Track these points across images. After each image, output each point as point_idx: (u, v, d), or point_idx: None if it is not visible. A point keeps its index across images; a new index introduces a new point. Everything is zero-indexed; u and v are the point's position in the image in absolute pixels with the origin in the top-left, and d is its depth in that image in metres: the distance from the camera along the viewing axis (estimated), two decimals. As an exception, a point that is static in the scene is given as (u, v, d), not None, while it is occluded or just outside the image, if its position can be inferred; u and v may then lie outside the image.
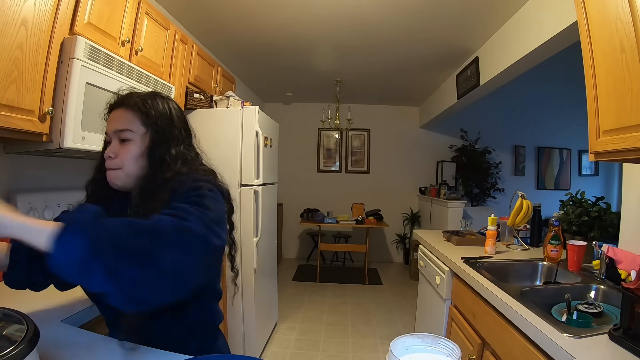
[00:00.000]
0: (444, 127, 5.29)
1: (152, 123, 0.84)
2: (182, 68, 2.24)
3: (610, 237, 1.71)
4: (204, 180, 0.79)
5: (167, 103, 0.89)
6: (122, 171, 0.83)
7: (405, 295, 3.97)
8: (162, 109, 0.87)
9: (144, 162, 0.84)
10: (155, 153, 0.83)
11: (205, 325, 0.87)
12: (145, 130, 0.84)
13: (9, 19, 1.02)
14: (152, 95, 0.90)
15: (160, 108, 0.87)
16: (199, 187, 0.75)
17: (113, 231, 0.56)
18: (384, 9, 2.43)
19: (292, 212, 5.33)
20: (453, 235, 2.10)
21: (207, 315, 0.87)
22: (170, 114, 0.88)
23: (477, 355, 1.36)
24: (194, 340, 0.84)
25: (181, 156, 0.85)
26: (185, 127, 0.92)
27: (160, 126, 0.85)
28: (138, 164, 0.84)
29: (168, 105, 0.89)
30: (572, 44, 1.95)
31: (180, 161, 0.84)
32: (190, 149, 0.90)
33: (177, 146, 0.86)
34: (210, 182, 0.80)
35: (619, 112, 1.00)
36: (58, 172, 1.63)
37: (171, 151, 0.84)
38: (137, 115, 0.84)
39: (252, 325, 2.44)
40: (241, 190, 2.38)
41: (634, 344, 0.82)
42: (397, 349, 0.51)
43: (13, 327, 0.59)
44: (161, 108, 0.87)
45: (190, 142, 0.92)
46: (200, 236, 0.62)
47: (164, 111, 0.87)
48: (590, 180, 5.52)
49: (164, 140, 0.84)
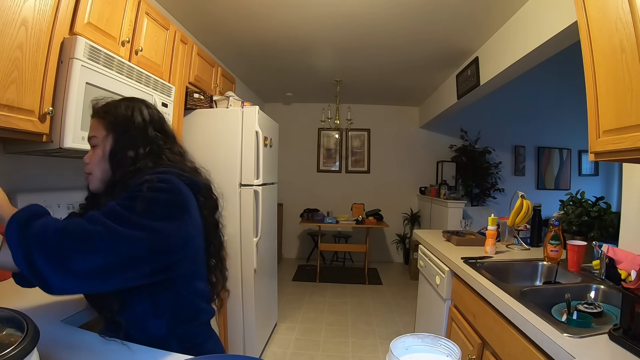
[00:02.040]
0: (444, 127, 5.29)
1: (112, 127, 0.88)
2: (182, 68, 2.24)
3: (610, 237, 1.71)
4: (162, 172, 0.80)
5: (132, 107, 0.91)
6: (93, 175, 0.89)
7: (405, 295, 3.97)
8: (123, 113, 0.89)
9: (106, 165, 0.88)
10: (114, 155, 0.87)
11: (185, 325, 0.85)
12: (106, 134, 0.88)
13: (9, 19, 1.02)
14: (120, 100, 0.94)
15: (121, 112, 0.89)
16: (144, 181, 0.76)
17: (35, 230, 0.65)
18: (384, 9, 2.43)
19: (292, 212, 5.33)
20: (453, 235, 2.10)
21: (186, 314, 0.85)
22: (132, 116, 0.89)
23: (477, 355, 1.36)
24: (174, 340, 0.82)
25: (146, 156, 0.87)
26: (157, 128, 0.93)
27: (119, 129, 0.88)
28: (102, 167, 0.88)
29: (132, 109, 0.91)
30: (572, 44, 1.95)
31: (143, 160, 0.86)
32: (164, 149, 0.91)
33: (140, 147, 0.87)
34: (170, 172, 0.81)
35: (619, 112, 1.00)
36: (58, 172, 1.63)
37: (130, 152, 0.86)
38: (101, 121, 0.89)
39: (252, 325, 2.44)
40: (241, 190, 2.38)
41: (634, 344, 0.82)
42: (397, 349, 0.51)
43: (13, 327, 0.59)
44: (122, 112, 0.89)
45: (166, 142, 0.93)
46: (104, 238, 0.66)
47: (126, 114, 0.89)
48: (590, 180, 5.52)
49: (123, 142, 0.87)
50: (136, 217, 0.69)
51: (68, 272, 0.63)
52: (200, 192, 0.87)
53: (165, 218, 0.73)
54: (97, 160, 0.88)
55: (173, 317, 0.82)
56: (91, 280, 0.64)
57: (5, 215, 0.69)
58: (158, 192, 0.74)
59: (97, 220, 0.67)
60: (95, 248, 0.65)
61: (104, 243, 0.65)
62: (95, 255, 0.64)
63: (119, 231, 0.66)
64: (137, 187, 0.75)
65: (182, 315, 0.84)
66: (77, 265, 0.63)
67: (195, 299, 0.87)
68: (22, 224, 0.65)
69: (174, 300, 0.82)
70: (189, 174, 0.86)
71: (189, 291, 0.85)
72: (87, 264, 0.63)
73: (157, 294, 0.79)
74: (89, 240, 0.65)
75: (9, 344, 0.53)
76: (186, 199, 0.79)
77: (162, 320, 0.81)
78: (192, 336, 0.86)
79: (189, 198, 0.81)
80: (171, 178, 0.79)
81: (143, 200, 0.72)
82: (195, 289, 0.87)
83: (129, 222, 0.68)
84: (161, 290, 0.79)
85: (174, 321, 0.83)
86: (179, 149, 0.96)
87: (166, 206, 0.74)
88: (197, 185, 0.86)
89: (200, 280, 0.89)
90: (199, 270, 0.89)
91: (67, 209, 1.53)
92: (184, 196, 0.79)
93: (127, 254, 0.66)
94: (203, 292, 0.90)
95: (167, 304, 0.81)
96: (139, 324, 0.80)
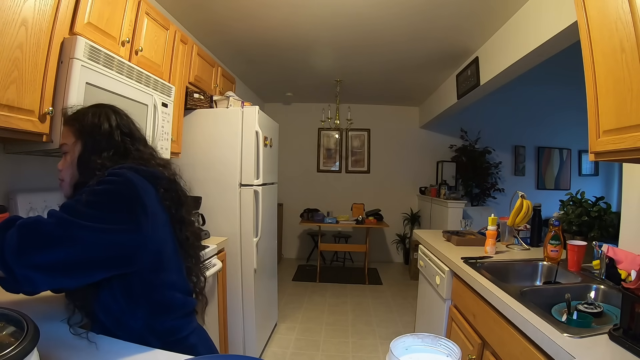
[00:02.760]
0: (444, 127, 5.29)
1: (79, 134, 0.91)
2: (182, 68, 2.24)
3: (610, 237, 1.71)
4: (118, 169, 0.83)
5: (99, 113, 0.93)
6: (64, 182, 0.93)
7: (405, 295, 3.97)
8: (90, 120, 0.92)
9: (74, 171, 0.91)
10: (81, 160, 0.90)
11: (161, 318, 0.84)
12: (75, 141, 0.91)
13: (9, 19, 1.02)
14: (87, 108, 0.96)
15: (87, 119, 0.92)
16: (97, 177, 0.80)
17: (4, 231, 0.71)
18: (384, 9, 2.43)
19: (292, 212, 5.33)
20: (453, 235, 2.10)
21: (160, 307, 0.84)
22: (98, 122, 0.91)
23: (477, 355, 1.36)
24: (153, 336, 0.82)
25: (112, 159, 0.88)
26: (125, 132, 0.94)
27: (85, 135, 0.91)
28: (70, 173, 0.91)
29: (99, 115, 0.93)
30: (572, 44, 1.95)
31: (109, 163, 0.87)
32: (131, 151, 0.93)
33: (105, 151, 0.89)
34: (126, 168, 0.84)
35: (619, 112, 1.00)
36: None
37: (95, 156, 0.88)
38: (70, 129, 0.92)
39: (252, 325, 2.44)
40: (241, 190, 2.38)
41: (634, 344, 0.82)
42: (397, 349, 0.51)
43: (13, 326, 0.59)
44: (89, 119, 0.92)
45: (133, 144, 0.94)
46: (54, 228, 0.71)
47: (92, 121, 0.91)
48: (590, 180, 5.52)
49: (91, 147, 0.90)
50: (81, 207, 0.74)
51: (31, 266, 0.68)
52: (159, 183, 0.89)
53: (112, 208, 0.77)
54: (67, 166, 0.91)
55: (148, 311, 0.82)
56: (55, 273, 0.70)
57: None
58: (105, 184, 0.78)
59: (50, 215, 0.74)
60: (49, 238, 0.70)
61: (55, 232, 0.70)
62: (52, 247, 0.70)
63: (66, 219, 0.72)
64: (89, 184, 0.79)
65: (157, 308, 0.84)
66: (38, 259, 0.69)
67: (168, 291, 0.86)
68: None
69: (147, 292, 0.82)
70: (151, 167, 0.90)
71: (160, 283, 0.85)
72: (46, 257, 0.69)
73: (129, 288, 0.80)
74: (42, 232, 0.70)
75: (8, 344, 0.53)
76: (135, 187, 0.81)
77: (137, 314, 0.81)
78: (173, 330, 0.86)
79: (141, 188, 0.82)
80: (122, 171, 0.81)
81: (89, 192, 0.77)
82: (167, 281, 0.86)
83: (76, 212, 0.73)
84: (132, 283, 0.80)
85: (150, 315, 0.82)
86: (150, 150, 0.98)
87: (111, 195, 0.78)
88: (154, 177, 0.88)
89: (172, 272, 0.89)
90: (169, 262, 0.88)
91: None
92: (133, 185, 0.81)
93: (79, 243, 0.71)
94: (177, 283, 0.89)
95: (140, 297, 0.81)
96: (116, 320, 0.81)
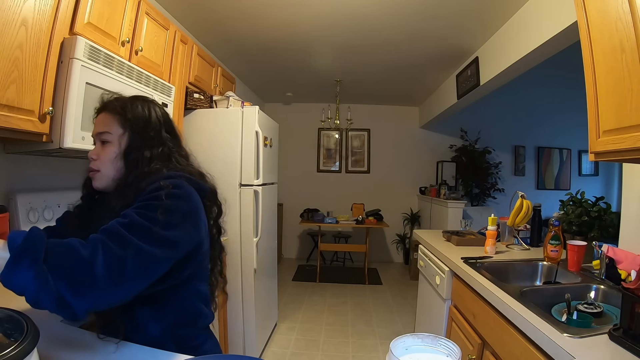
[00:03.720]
0: (444, 127, 5.29)
1: (129, 125, 0.87)
2: (182, 68, 2.24)
3: (610, 237, 1.71)
4: (174, 177, 0.81)
5: (147, 106, 0.91)
6: (101, 173, 0.87)
7: (405, 295, 3.97)
8: (141, 112, 0.88)
9: (121, 164, 0.86)
10: (130, 154, 0.85)
11: (185, 327, 0.85)
12: (123, 132, 0.87)
13: (9, 19, 1.02)
14: (133, 98, 0.92)
15: (139, 111, 0.88)
16: (159, 187, 0.76)
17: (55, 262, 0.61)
18: (384, 9, 2.43)
19: (292, 212, 5.33)
20: (453, 235, 2.10)
21: (187, 316, 0.85)
22: (149, 116, 0.89)
23: (477, 355, 1.36)
24: (172, 342, 0.82)
25: (159, 157, 0.87)
26: (168, 130, 0.92)
27: (137, 128, 0.87)
28: (115, 166, 0.86)
29: (148, 109, 0.90)
30: (572, 44, 1.95)
31: (157, 161, 0.85)
32: (173, 151, 0.91)
33: (155, 147, 0.87)
34: (180, 177, 0.82)
35: (619, 112, 1.00)
36: (58, 172, 1.63)
37: (146, 152, 0.85)
38: (116, 117, 0.87)
39: (252, 325, 2.44)
40: (241, 190, 2.38)
41: (634, 344, 0.82)
42: (397, 349, 0.51)
43: (13, 327, 0.59)
44: (140, 111, 0.88)
45: (175, 145, 0.93)
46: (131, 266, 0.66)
47: (143, 114, 0.88)
48: (590, 180, 5.52)
49: (140, 142, 0.86)
50: (158, 229, 0.71)
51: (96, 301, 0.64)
52: (206, 196, 0.88)
53: (183, 228, 0.75)
54: (110, 158, 0.86)
55: (173, 321, 0.82)
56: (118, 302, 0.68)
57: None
58: (174, 200, 0.75)
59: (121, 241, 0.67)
60: (125, 278, 0.65)
61: (133, 272, 0.66)
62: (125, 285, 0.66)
63: (143, 250, 0.68)
64: (153, 195, 0.75)
65: (182, 319, 0.84)
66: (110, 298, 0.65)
67: (196, 302, 0.87)
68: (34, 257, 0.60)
69: (176, 303, 0.82)
70: (195, 177, 0.87)
71: (191, 293, 0.85)
72: (118, 296, 0.66)
73: (159, 297, 0.79)
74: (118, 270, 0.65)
75: (8, 344, 0.53)
76: (197, 204, 0.81)
77: (161, 322, 0.81)
78: (191, 338, 0.86)
79: (199, 203, 0.82)
80: (182, 183, 0.80)
81: (162, 209, 0.73)
82: (198, 291, 0.87)
83: (151, 237, 0.69)
84: (163, 293, 0.79)
85: (174, 324, 0.82)
86: (185, 152, 0.96)
87: (183, 215, 0.76)
88: (203, 190, 0.87)
89: (202, 283, 0.89)
90: (203, 272, 0.89)
91: (67, 209, 1.53)
92: (195, 202, 0.80)
93: (152, 275, 0.70)
94: (205, 295, 0.90)
95: (168, 308, 0.81)
96: (138, 327, 0.80)
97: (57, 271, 0.60)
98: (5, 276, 0.59)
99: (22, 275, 0.58)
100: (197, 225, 0.80)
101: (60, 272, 0.60)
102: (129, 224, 0.70)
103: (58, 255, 0.62)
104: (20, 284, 0.58)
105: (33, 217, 1.39)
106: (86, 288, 0.62)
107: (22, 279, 0.58)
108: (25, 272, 0.58)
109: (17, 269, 0.58)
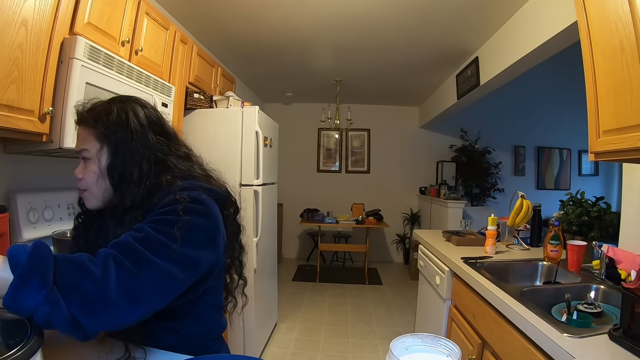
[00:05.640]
0: (444, 127, 5.29)
1: (105, 137, 0.76)
2: (182, 68, 2.23)
3: (610, 237, 1.71)
4: (189, 188, 0.74)
5: (125, 109, 0.79)
6: (89, 192, 0.79)
7: (405, 295, 3.97)
8: (117, 119, 0.77)
9: (106, 183, 0.77)
10: (114, 171, 0.76)
11: (201, 338, 0.82)
12: (100, 146, 0.77)
13: (9, 19, 1.02)
14: (109, 102, 0.81)
15: (113, 118, 0.77)
16: (175, 200, 0.70)
17: (65, 283, 0.56)
18: (384, 9, 2.43)
19: (292, 212, 5.33)
20: (453, 235, 2.10)
21: (204, 327, 0.83)
22: (127, 122, 0.77)
23: (477, 355, 1.36)
24: (185, 350, 0.79)
25: (151, 169, 0.77)
26: (157, 131, 0.81)
27: (115, 139, 0.76)
28: (99, 186, 0.78)
29: (126, 112, 0.78)
30: (572, 44, 1.95)
31: (153, 173, 0.77)
32: (169, 155, 0.81)
33: (144, 158, 0.77)
34: (198, 188, 0.75)
35: (619, 112, 1.00)
36: (58, 172, 1.62)
37: (133, 167, 0.75)
38: (90, 131, 0.77)
39: (252, 325, 2.44)
40: (241, 190, 2.37)
41: (634, 344, 0.82)
42: (397, 349, 0.51)
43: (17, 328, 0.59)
44: (115, 118, 0.77)
45: (169, 146, 0.83)
46: (149, 287, 0.62)
47: (119, 120, 0.77)
48: (590, 180, 5.52)
49: (123, 155, 0.76)
50: (176, 246, 0.65)
51: (110, 323, 0.60)
52: (224, 205, 0.83)
53: (204, 245, 0.71)
54: (93, 177, 0.77)
55: (189, 332, 0.80)
56: (133, 322, 0.63)
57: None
58: (193, 216, 0.69)
59: (136, 258, 0.62)
60: (141, 298, 0.61)
61: (149, 292, 0.62)
62: (141, 305, 0.61)
63: (160, 269, 0.62)
64: (169, 209, 0.69)
65: (199, 330, 0.81)
66: (125, 319, 0.60)
67: (213, 313, 0.85)
68: (43, 278, 0.54)
69: (193, 316, 0.80)
70: (205, 182, 0.81)
71: (208, 305, 0.83)
72: (133, 317, 0.61)
73: (176, 311, 0.76)
74: (133, 290, 0.60)
75: (14, 345, 0.52)
76: (217, 219, 0.75)
77: (177, 335, 0.79)
78: (205, 347, 0.84)
79: (219, 217, 0.77)
80: (201, 197, 0.73)
81: (179, 226, 0.67)
82: (214, 302, 0.85)
83: (169, 255, 0.64)
84: (180, 307, 0.76)
85: (189, 335, 0.80)
86: (184, 150, 0.87)
87: (203, 232, 0.71)
88: (221, 199, 0.81)
89: (219, 293, 0.88)
90: (220, 284, 0.87)
91: (67, 209, 1.53)
92: (215, 216, 0.75)
93: (170, 295, 0.66)
94: (220, 304, 0.89)
95: (185, 321, 0.79)
96: (152, 337, 0.76)
97: (68, 292, 0.55)
98: (10, 300, 0.53)
99: (32, 299, 0.53)
100: (217, 242, 0.74)
101: (70, 292, 0.56)
102: (144, 239, 0.64)
103: (67, 275, 0.57)
104: (29, 307, 0.53)
105: (33, 217, 1.39)
106: (99, 309, 0.57)
107: (31, 303, 0.53)
108: (34, 295, 0.53)
109: (24, 291, 0.53)
